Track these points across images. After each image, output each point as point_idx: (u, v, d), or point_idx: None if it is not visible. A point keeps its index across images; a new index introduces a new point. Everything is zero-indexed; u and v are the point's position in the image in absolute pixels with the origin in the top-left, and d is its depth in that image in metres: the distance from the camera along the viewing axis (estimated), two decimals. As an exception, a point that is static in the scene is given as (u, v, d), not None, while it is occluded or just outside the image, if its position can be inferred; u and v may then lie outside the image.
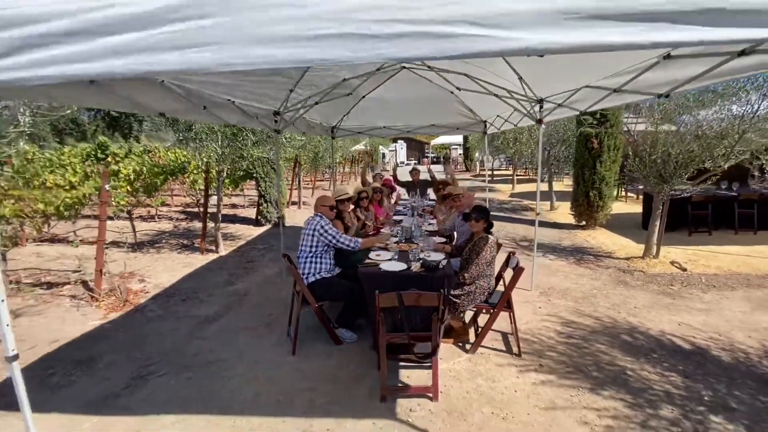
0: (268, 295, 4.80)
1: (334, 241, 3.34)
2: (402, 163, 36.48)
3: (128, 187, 6.44)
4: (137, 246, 7.13)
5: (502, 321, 3.51)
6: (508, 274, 3.42)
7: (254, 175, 8.30)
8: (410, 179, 7.19)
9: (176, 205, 12.19)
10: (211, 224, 7.02)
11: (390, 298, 2.46)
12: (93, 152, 10.11)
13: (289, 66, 1.19)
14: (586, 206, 8.07)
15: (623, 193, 12.48)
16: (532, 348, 3.35)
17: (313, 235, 3.37)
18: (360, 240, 3.46)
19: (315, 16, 1.13)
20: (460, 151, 35.33)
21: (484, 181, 10.18)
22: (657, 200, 5.79)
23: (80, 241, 7.24)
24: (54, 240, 7.66)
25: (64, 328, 4.01)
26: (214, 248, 6.88)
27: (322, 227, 3.35)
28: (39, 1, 1.24)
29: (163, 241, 7.72)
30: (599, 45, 1.10)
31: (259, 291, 4.96)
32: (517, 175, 17.09)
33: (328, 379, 2.96)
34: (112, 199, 6.15)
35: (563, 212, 9.91)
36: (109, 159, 8.55)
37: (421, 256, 3.16)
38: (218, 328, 3.91)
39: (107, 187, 4.44)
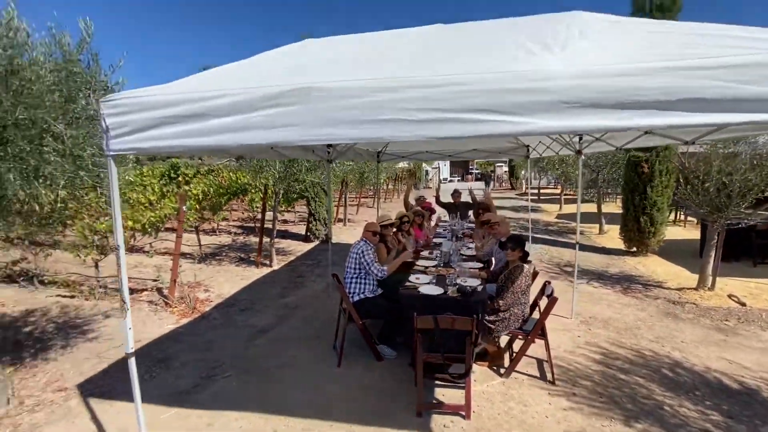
0: (316, 308, 5.21)
1: (368, 267, 3.69)
2: (445, 179, 36.44)
3: (197, 206, 7.25)
4: (201, 258, 7.94)
5: (539, 348, 3.62)
6: (544, 302, 3.53)
7: (305, 195, 8.94)
8: (452, 201, 7.41)
9: (234, 220, 13.24)
10: (265, 239, 7.66)
11: (426, 321, 2.72)
12: (167, 172, 11.35)
13: (351, 142, 1.55)
14: (636, 232, 7.80)
15: (681, 218, 11.77)
16: (566, 376, 3.43)
17: (356, 259, 3.73)
18: (386, 268, 3.78)
19: (373, 105, 1.49)
20: (506, 168, 34.73)
21: (528, 200, 10.06)
22: (711, 229, 5.56)
23: (154, 251, 8.17)
24: (132, 250, 8.71)
25: (145, 330, 4.65)
26: (268, 262, 7.49)
27: (362, 252, 3.71)
28: (172, 90, 1.71)
29: (223, 254, 8.50)
30: (596, 128, 1.34)
31: (308, 305, 5.39)
32: (564, 195, 16.58)
33: (369, 391, 3.25)
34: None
35: (613, 236, 9.57)
36: (180, 179, 9.60)
37: (457, 281, 3.39)
38: (272, 337, 4.35)
39: (184, 208, 5.13)
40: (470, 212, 7.27)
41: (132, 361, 2.20)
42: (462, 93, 1.39)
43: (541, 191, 23.69)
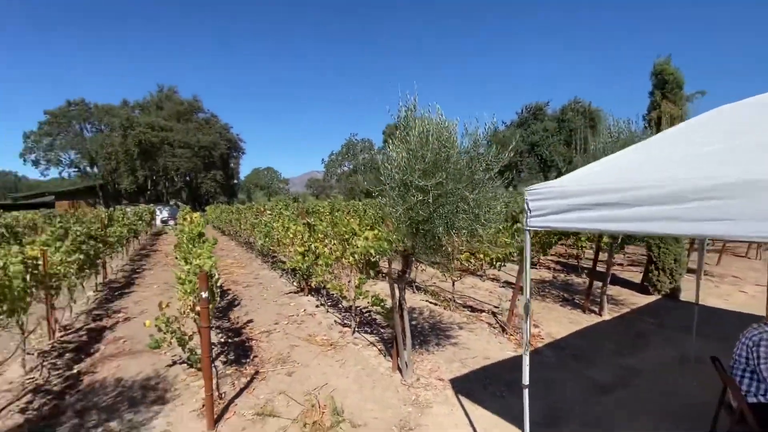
0: (668, 382, 4.42)
1: (757, 363, 2.76)
2: None
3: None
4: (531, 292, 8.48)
5: None
6: None
7: (648, 240, 7.77)
8: None
9: (552, 255, 13.26)
10: (595, 283, 7.24)
11: None
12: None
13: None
14: None
15: None
16: None
17: (748, 348, 2.90)
18: None
19: None
20: None
21: None
22: None
23: (487, 278, 9.46)
24: (468, 271, 10.47)
25: (488, 348, 5.51)
26: (596, 310, 7.04)
27: (759, 343, 2.83)
28: (588, 181, 2.06)
29: (546, 290, 8.71)
30: None
31: (656, 373, 4.66)
32: None
33: None
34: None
35: None
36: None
37: None
38: (619, 400, 4.05)
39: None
40: None
41: (525, 392, 2.72)
42: None
43: None
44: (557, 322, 6.60)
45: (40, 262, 5.22)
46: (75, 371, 4.96)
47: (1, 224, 9.75)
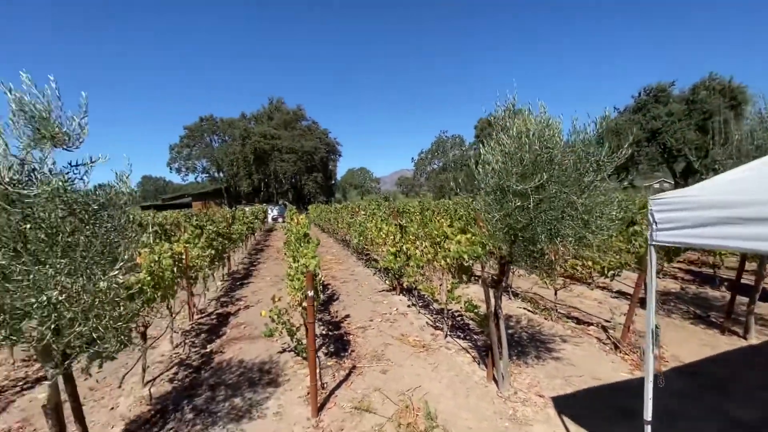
0: None
1: None
2: None
3: (648, 249, 6.86)
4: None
5: None
6: None
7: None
8: None
9: (680, 261, 11.38)
10: (738, 299, 6.01)
11: None
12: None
13: None
14: None
15: None
16: None
17: None
18: None
19: None
20: None
21: None
22: None
23: (595, 286, 8.55)
24: (573, 278, 9.56)
25: (598, 367, 4.97)
26: (739, 331, 5.85)
27: None
28: (736, 189, 1.73)
29: (671, 303, 7.52)
30: None
31: (831, 422, 3.70)
32: None
33: None
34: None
35: None
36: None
37: None
38: (770, 448, 3.34)
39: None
40: None
41: (648, 429, 2.42)
42: None
43: None
44: (686, 342, 5.66)
45: (183, 256, 6.29)
46: (208, 350, 5.87)
47: (155, 223, 12.04)
